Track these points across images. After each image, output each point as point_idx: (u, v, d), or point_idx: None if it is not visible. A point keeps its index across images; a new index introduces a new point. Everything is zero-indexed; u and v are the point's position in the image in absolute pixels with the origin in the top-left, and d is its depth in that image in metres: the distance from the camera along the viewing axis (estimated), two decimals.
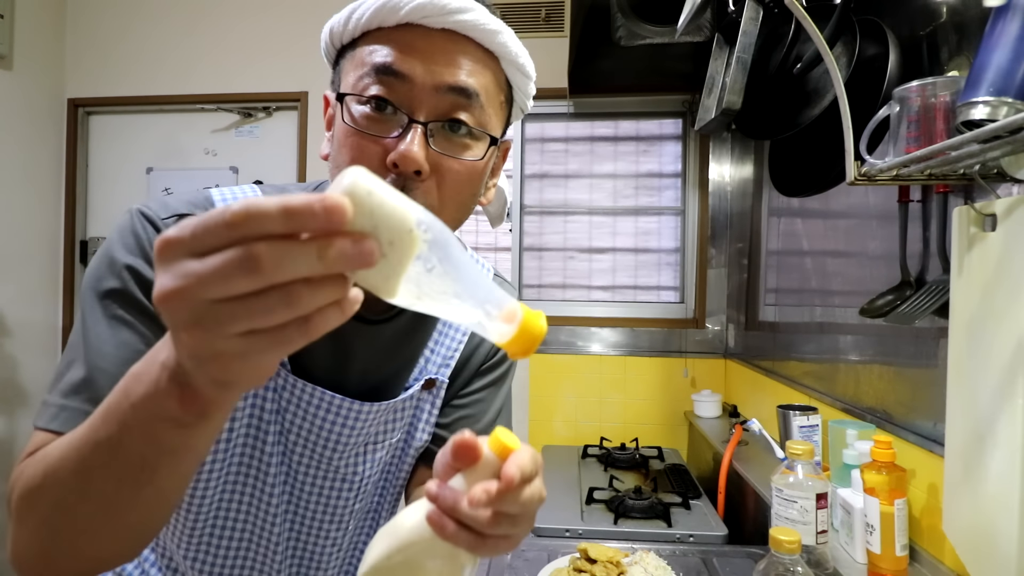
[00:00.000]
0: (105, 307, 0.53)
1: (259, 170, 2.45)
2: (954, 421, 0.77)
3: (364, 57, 0.53)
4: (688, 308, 2.35)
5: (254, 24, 2.42)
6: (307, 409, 0.61)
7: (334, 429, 0.63)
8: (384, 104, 0.51)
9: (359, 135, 0.52)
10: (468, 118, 0.53)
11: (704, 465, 1.91)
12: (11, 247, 2.28)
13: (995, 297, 0.69)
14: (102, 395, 0.45)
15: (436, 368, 0.71)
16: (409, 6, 0.50)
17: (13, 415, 2.29)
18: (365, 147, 0.51)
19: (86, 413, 0.46)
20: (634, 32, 1.63)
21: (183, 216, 0.56)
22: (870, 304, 1.04)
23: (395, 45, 0.51)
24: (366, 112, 0.52)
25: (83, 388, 0.51)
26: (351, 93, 0.52)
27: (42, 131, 2.42)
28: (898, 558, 0.91)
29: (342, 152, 0.53)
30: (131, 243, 0.54)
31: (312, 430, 0.63)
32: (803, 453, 0.96)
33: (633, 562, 1.04)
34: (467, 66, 0.53)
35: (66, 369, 0.52)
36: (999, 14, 0.63)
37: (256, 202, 0.27)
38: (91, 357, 0.52)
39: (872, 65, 0.97)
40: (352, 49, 0.55)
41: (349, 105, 0.52)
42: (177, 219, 0.56)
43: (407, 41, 0.51)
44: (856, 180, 0.81)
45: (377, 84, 0.51)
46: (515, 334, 0.34)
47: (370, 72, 0.52)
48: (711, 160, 2.32)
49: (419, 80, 0.51)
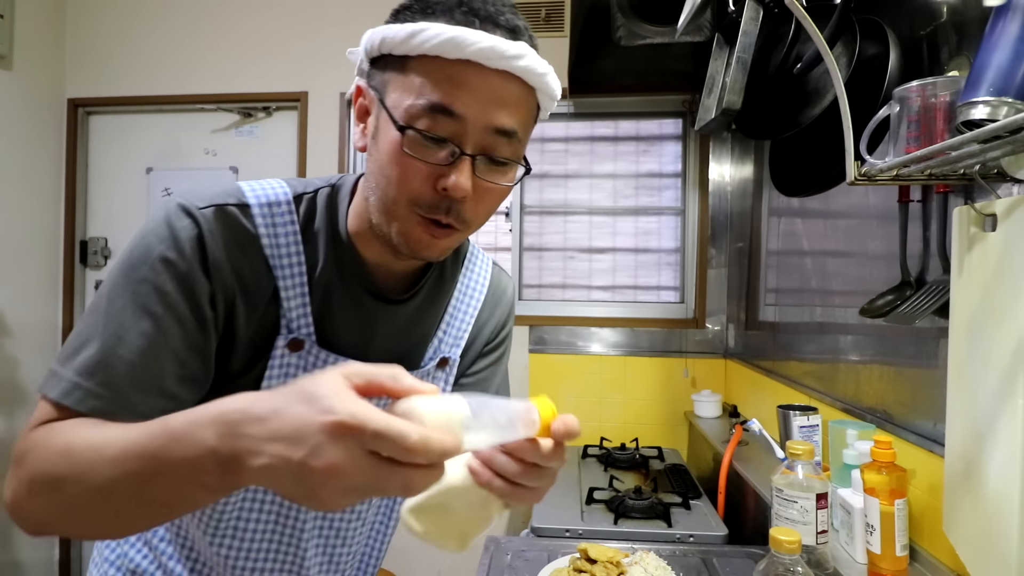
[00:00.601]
0: (134, 294, 0.56)
1: (259, 170, 2.45)
2: (954, 421, 0.77)
3: (420, 84, 0.56)
4: (688, 308, 2.34)
5: (254, 24, 2.42)
6: None
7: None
8: (440, 138, 0.56)
9: (411, 157, 0.56)
10: (508, 152, 0.59)
11: (704, 465, 1.91)
12: (11, 247, 2.28)
13: (995, 297, 0.69)
14: (116, 382, 0.53)
15: (448, 348, 0.77)
16: (474, 47, 0.54)
17: (13, 415, 2.29)
18: (417, 169, 0.57)
19: (99, 396, 0.53)
20: (634, 32, 1.63)
21: (221, 206, 0.61)
22: (870, 304, 1.04)
23: (453, 82, 0.55)
24: (419, 138, 0.56)
25: (98, 371, 0.53)
26: (410, 126, 0.56)
27: (42, 131, 2.42)
28: (898, 558, 0.91)
29: (392, 168, 0.58)
30: (166, 235, 0.58)
31: None
32: (803, 453, 0.96)
33: (633, 562, 1.04)
34: (512, 105, 0.58)
35: (81, 345, 0.55)
36: (999, 14, 0.63)
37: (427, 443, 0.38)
38: (110, 341, 0.54)
39: (872, 65, 0.97)
40: (404, 63, 0.57)
41: (394, 122, 0.57)
42: (216, 209, 0.60)
43: (464, 78, 0.55)
44: (856, 180, 0.81)
45: (433, 117, 0.55)
46: (539, 431, 0.46)
47: (428, 106, 0.55)
48: (711, 160, 2.32)
49: (471, 120, 0.56)
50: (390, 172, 0.58)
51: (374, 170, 0.61)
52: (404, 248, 0.61)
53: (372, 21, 0.60)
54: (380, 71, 0.60)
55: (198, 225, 0.59)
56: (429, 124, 0.56)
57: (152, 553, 0.72)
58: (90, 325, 0.55)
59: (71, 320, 2.47)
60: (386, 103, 0.58)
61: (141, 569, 0.71)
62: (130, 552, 0.73)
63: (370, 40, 0.59)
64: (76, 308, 2.49)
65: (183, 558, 0.71)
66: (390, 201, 0.59)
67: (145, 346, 0.55)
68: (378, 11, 2.58)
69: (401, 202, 0.59)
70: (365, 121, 0.63)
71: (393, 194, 0.59)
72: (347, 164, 2.37)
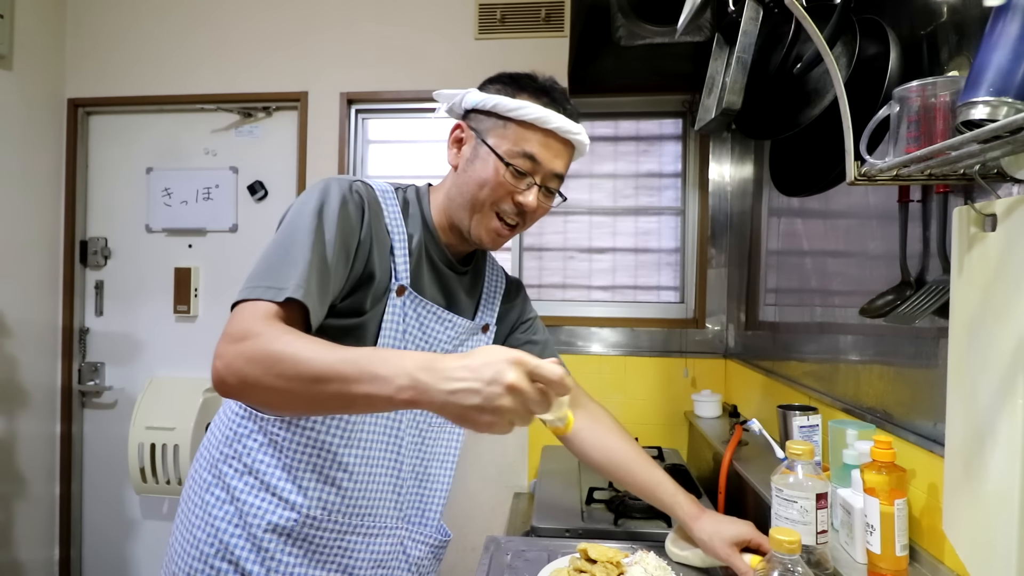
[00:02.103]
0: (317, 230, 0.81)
1: (259, 170, 2.45)
2: (954, 421, 0.77)
3: (517, 137, 0.91)
4: (688, 308, 2.34)
5: (255, 24, 2.42)
6: (423, 316, 0.96)
7: (438, 333, 0.99)
8: (524, 172, 0.92)
9: (507, 179, 0.91)
10: (556, 186, 0.97)
11: (704, 465, 1.91)
12: (11, 247, 2.28)
13: (995, 297, 0.69)
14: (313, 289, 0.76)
15: (488, 316, 1.10)
16: (555, 124, 0.91)
17: (13, 415, 2.29)
18: (507, 188, 0.92)
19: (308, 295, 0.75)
20: (634, 32, 1.63)
21: (365, 183, 0.93)
22: (870, 304, 1.04)
23: (541, 142, 0.92)
24: (512, 171, 0.91)
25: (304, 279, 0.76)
26: (508, 162, 0.91)
27: (42, 131, 2.42)
28: (898, 558, 0.91)
29: (488, 184, 0.91)
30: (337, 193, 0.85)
31: (423, 336, 0.97)
32: (803, 453, 0.96)
33: (633, 562, 1.04)
34: (565, 158, 0.96)
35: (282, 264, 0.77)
36: (999, 14, 0.63)
37: (563, 378, 0.61)
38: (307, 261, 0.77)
39: (872, 65, 0.97)
40: (506, 121, 0.91)
41: (498, 156, 0.91)
42: (363, 183, 0.92)
43: (548, 142, 0.92)
44: (856, 180, 0.81)
45: (523, 159, 0.91)
46: (564, 426, 0.68)
47: (522, 152, 0.91)
48: (711, 160, 2.32)
49: (544, 165, 0.93)
50: (486, 186, 0.91)
51: (467, 181, 0.93)
52: (474, 237, 0.95)
53: (372, 21, 0.61)
54: (480, 119, 0.94)
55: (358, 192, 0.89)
56: (520, 163, 0.91)
57: (248, 534, 0.89)
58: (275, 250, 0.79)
59: (71, 320, 2.47)
60: (488, 142, 0.92)
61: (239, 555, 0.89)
62: (231, 541, 0.89)
63: (483, 100, 0.92)
64: (76, 308, 2.49)
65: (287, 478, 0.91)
66: (479, 203, 0.92)
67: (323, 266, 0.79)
68: (378, 11, 2.59)
69: (487, 204, 0.92)
70: (459, 148, 0.97)
71: (484, 198, 0.92)
72: (347, 164, 2.37)
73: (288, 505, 0.88)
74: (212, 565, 0.88)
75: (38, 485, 2.38)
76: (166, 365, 2.47)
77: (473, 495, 2.22)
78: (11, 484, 2.28)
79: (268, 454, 0.89)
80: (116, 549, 2.49)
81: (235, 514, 0.88)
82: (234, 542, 0.88)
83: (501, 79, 0.95)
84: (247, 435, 0.90)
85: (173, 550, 0.95)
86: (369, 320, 0.89)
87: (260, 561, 0.87)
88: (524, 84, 0.93)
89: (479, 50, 2.30)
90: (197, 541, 0.91)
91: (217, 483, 0.90)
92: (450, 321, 1.00)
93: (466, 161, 0.94)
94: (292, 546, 0.88)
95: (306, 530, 0.88)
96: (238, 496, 0.88)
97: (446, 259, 1.00)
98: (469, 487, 2.21)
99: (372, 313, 0.89)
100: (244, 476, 0.89)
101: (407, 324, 0.93)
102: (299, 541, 0.88)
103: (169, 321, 2.47)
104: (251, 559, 0.87)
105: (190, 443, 2.26)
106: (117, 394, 2.50)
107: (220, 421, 0.96)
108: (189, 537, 0.92)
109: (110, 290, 2.52)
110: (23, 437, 2.32)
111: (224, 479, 0.90)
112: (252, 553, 0.87)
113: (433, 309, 0.97)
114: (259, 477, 0.88)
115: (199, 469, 0.95)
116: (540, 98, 0.92)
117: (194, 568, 0.90)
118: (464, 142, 0.96)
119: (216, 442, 0.93)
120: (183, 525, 0.94)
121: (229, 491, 0.89)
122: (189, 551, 0.91)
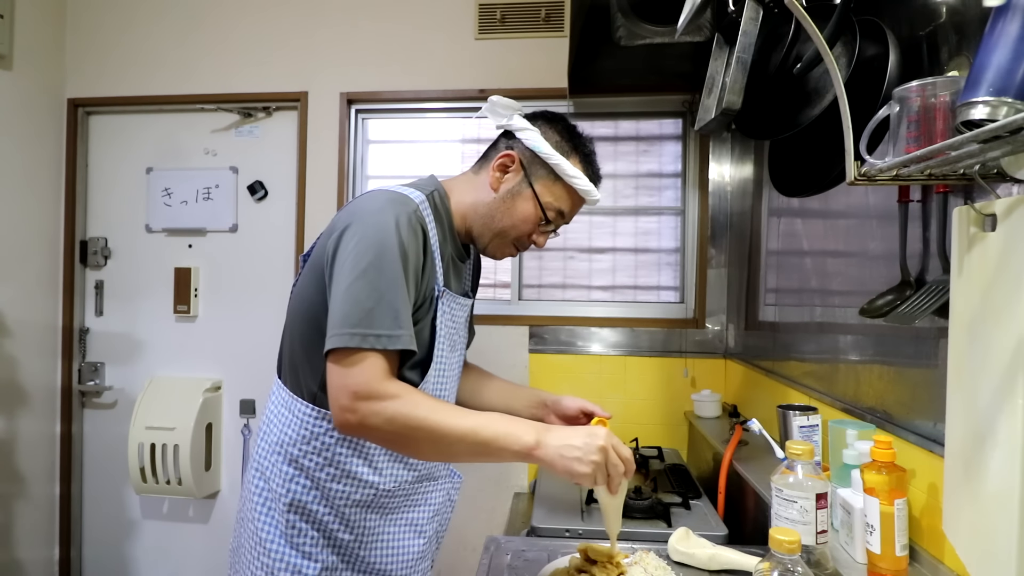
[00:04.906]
0: (391, 268, 0.91)
1: (259, 170, 2.45)
2: (954, 421, 0.77)
3: (561, 198, 1.07)
4: (688, 308, 2.34)
5: (254, 24, 2.42)
6: (453, 308, 1.09)
7: (458, 318, 1.12)
8: (551, 223, 1.09)
9: (537, 224, 1.08)
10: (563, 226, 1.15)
11: (704, 465, 1.91)
12: (11, 247, 2.28)
13: (995, 297, 0.69)
14: (405, 324, 0.92)
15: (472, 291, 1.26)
16: (592, 198, 1.09)
17: (13, 415, 2.29)
18: (532, 229, 1.09)
19: (404, 338, 0.91)
20: (634, 32, 1.63)
21: (415, 209, 1.00)
22: (870, 304, 1.04)
23: (575, 204, 1.10)
24: (544, 221, 1.08)
25: (397, 321, 0.91)
26: (544, 212, 1.07)
27: (42, 131, 2.42)
28: (898, 558, 0.91)
29: (520, 222, 1.07)
30: (401, 226, 0.94)
31: (452, 324, 1.10)
32: (803, 453, 0.96)
33: (633, 562, 1.04)
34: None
35: (373, 308, 0.89)
36: (999, 14, 0.63)
37: (630, 461, 0.90)
38: (393, 301, 0.91)
39: (872, 65, 0.97)
40: (557, 178, 1.06)
41: (539, 204, 1.06)
42: (414, 211, 0.99)
43: (578, 205, 1.11)
44: (856, 180, 0.81)
45: (557, 213, 1.08)
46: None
47: (559, 209, 1.08)
48: (711, 160, 2.32)
49: (567, 219, 1.11)
50: (518, 223, 1.07)
51: (504, 212, 1.07)
52: (487, 252, 1.13)
53: (372, 21, 0.61)
54: (535, 163, 1.05)
55: (420, 222, 0.98)
56: (553, 216, 1.07)
57: (320, 492, 1.03)
58: (370, 293, 0.89)
59: (71, 320, 2.47)
60: (534, 188, 1.05)
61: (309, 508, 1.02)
62: (303, 496, 1.03)
63: (546, 153, 1.04)
64: (76, 308, 2.49)
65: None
66: (505, 233, 1.08)
67: (408, 304, 0.93)
68: (378, 11, 2.60)
69: (510, 236, 1.09)
70: (503, 173, 1.07)
71: (509, 231, 1.08)
72: (347, 164, 2.37)
73: (366, 484, 1.02)
74: (296, 527, 1.02)
75: (38, 485, 2.38)
76: (166, 365, 2.47)
77: (473, 495, 2.22)
78: (11, 484, 2.28)
79: (345, 446, 1.01)
80: (116, 549, 2.49)
81: (320, 497, 1.02)
82: (321, 512, 1.02)
83: (558, 129, 1.07)
84: (323, 433, 1.01)
85: (249, 532, 1.07)
86: (423, 327, 1.01)
87: (344, 526, 1.03)
88: (577, 145, 1.07)
89: (479, 50, 2.30)
90: (283, 516, 1.03)
91: (300, 474, 1.02)
92: (465, 305, 1.16)
93: (508, 192, 1.06)
94: (370, 512, 1.05)
95: (381, 500, 1.05)
96: (322, 484, 1.01)
97: (460, 253, 1.13)
98: (469, 487, 2.21)
99: (425, 320, 1.02)
100: (326, 468, 1.01)
101: (445, 320, 1.06)
102: (375, 508, 1.05)
103: (169, 321, 2.47)
104: (335, 523, 1.03)
105: (190, 443, 2.26)
106: (117, 394, 2.50)
107: (289, 422, 1.04)
108: (269, 521, 1.04)
109: (110, 290, 2.52)
110: (23, 437, 2.32)
111: (307, 471, 1.02)
112: (337, 521, 1.03)
113: (459, 300, 1.11)
114: (339, 467, 1.01)
115: (277, 463, 1.04)
116: (588, 167, 1.08)
117: (281, 531, 1.03)
118: (509, 170, 1.07)
119: (293, 440, 1.03)
120: (259, 508, 1.05)
121: (313, 480, 1.02)
122: (274, 525, 1.04)
